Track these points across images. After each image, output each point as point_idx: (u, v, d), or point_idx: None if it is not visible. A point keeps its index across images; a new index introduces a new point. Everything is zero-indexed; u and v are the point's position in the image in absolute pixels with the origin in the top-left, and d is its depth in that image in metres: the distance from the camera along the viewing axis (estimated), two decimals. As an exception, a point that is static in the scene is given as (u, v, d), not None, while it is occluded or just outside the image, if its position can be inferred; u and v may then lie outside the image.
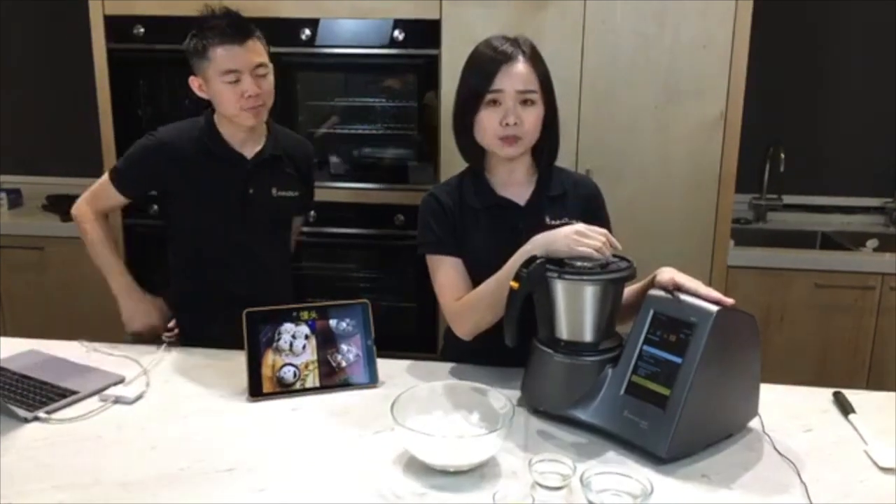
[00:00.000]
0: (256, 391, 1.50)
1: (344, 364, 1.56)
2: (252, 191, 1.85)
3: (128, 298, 1.89)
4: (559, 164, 1.69)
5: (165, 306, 1.93)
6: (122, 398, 1.48)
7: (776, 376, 1.52)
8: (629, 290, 1.49)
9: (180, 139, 1.84)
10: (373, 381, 1.56)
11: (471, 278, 1.58)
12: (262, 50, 1.78)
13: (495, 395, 1.33)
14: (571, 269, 1.35)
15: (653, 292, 1.37)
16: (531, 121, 1.54)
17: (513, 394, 1.43)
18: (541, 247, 1.41)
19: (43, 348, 1.71)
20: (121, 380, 1.56)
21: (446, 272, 1.58)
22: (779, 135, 3.11)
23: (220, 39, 1.72)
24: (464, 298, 1.55)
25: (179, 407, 1.47)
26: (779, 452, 1.30)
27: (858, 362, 2.72)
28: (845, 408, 1.46)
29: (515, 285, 1.34)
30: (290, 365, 1.54)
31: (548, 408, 1.40)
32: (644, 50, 2.55)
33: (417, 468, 1.23)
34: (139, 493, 1.18)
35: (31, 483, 1.20)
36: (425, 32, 2.59)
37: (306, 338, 1.56)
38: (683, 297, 1.32)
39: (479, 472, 1.22)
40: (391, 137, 2.77)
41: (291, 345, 1.55)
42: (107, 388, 1.52)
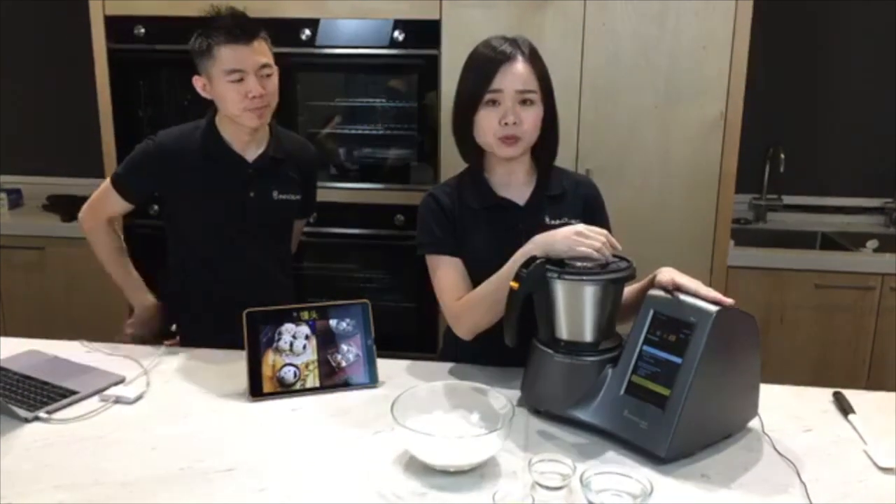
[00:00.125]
0: (257, 391, 1.50)
1: (344, 364, 1.56)
2: (252, 194, 1.84)
3: (143, 310, 1.93)
4: (559, 164, 1.69)
5: (165, 310, 1.94)
6: (122, 398, 1.48)
7: (776, 376, 1.52)
8: (629, 290, 1.49)
9: (180, 142, 1.83)
10: (373, 381, 1.56)
11: (471, 278, 1.57)
12: (267, 51, 1.78)
13: (495, 395, 1.33)
14: (571, 269, 1.35)
15: (653, 292, 1.37)
16: (530, 121, 1.54)
17: (513, 394, 1.43)
18: (541, 247, 1.41)
19: (43, 348, 1.71)
20: (121, 380, 1.57)
21: (446, 272, 1.58)
22: (779, 135, 3.11)
23: (227, 39, 1.71)
24: (464, 299, 1.55)
25: (180, 407, 1.47)
26: (778, 452, 1.30)
27: (858, 362, 2.72)
28: (845, 408, 1.46)
29: (515, 285, 1.34)
30: (291, 365, 1.54)
31: (548, 408, 1.40)
32: (644, 50, 2.55)
33: (417, 468, 1.24)
34: (139, 493, 1.18)
35: (31, 483, 1.20)
36: (425, 33, 2.60)
37: (307, 338, 1.56)
38: (683, 297, 1.32)
39: (479, 472, 1.22)
40: (391, 138, 2.77)
41: (292, 345, 1.55)
42: (107, 388, 1.52)
